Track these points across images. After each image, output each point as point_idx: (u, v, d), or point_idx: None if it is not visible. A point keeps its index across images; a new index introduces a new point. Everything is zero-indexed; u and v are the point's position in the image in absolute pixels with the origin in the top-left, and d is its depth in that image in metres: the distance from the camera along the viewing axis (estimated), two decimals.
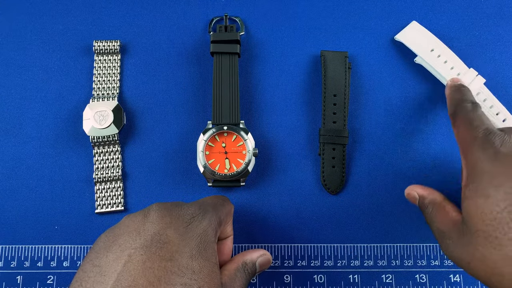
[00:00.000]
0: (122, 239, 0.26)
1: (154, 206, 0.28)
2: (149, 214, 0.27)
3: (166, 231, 0.26)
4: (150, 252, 0.25)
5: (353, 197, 0.39)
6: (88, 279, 0.24)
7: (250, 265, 0.31)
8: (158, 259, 0.24)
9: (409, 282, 0.37)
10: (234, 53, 0.40)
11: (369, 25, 0.43)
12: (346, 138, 0.39)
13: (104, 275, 0.24)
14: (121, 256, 0.25)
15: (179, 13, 0.42)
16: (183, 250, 0.25)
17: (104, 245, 0.26)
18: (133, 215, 0.28)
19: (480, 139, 0.29)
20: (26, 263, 0.37)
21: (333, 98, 0.40)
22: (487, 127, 0.30)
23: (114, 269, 0.24)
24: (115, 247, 0.25)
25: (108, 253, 0.25)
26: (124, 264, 0.24)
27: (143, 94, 0.41)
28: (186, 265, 0.25)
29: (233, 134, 0.38)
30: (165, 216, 0.27)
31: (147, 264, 0.24)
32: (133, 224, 0.27)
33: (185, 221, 0.27)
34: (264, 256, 0.32)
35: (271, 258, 0.33)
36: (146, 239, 0.25)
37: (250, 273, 0.31)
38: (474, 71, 0.39)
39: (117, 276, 0.24)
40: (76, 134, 0.40)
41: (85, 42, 0.42)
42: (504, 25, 0.43)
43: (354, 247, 0.38)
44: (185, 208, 0.28)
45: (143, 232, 0.26)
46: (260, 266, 0.32)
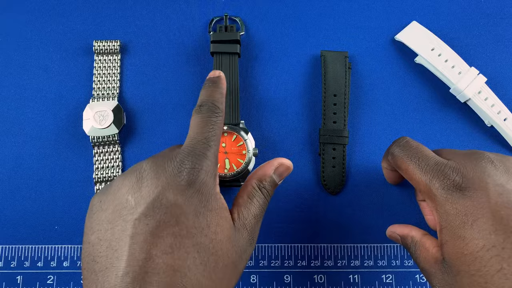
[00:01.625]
0: (121, 207, 0.25)
1: (145, 165, 0.26)
2: (143, 176, 0.26)
3: (165, 194, 0.25)
4: (154, 220, 0.24)
5: (353, 197, 0.39)
6: (100, 254, 0.24)
7: (267, 181, 0.29)
8: (165, 226, 0.24)
9: (409, 282, 0.37)
10: (234, 53, 0.40)
11: (369, 25, 0.43)
12: (346, 138, 0.39)
13: (115, 249, 0.24)
14: (126, 228, 0.24)
15: (179, 13, 0.42)
16: (187, 210, 0.25)
17: (104, 215, 0.25)
18: (124, 176, 0.26)
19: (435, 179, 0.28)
20: (26, 263, 0.37)
21: (333, 98, 0.40)
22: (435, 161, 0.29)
23: (123, 242, 0.24)
24: (117, 217, 0.25)
25: (111, 225, 0.25)
26: (132, 237, 0.24)
27: (143, 94, 0.41)
28: (193, 224, 0.24)
29: (233, 134, 0.38)
30: (160, 176, 0.25)
31: (155, 233, 0.24)
32: (127, 188, 0.26)
33: (182, 178, 0.25)
34: (281, 166, 0.30)
35: (290, 164, 0.31)
36: (146, 207, 0.24)
37: (269, 189, 0.29)
38: (475, 70, 0.39)
39: (128, 250, 0.23)
40: (76, 134, 0.40)
41: (85, 42, 0.42)
42: (504, 25, 0.43)
43: (354, 247, 0.38)
44: (178, 162, 0.26)
45: (141, 199, 0.25)
46: (279, 176, 0.30)
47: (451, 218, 0.27)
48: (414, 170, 0.29)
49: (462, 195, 0.27)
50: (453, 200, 0.27)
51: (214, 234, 0.25)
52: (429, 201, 0.29)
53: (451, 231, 0.27)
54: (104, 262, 0.24)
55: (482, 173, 0.27)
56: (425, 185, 0.29)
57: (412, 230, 0.32)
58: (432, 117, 0.41)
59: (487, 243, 0.25)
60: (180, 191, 0.25)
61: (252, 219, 0.28)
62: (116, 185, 0.26)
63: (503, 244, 0.25)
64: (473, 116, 0.41)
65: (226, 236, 0.26)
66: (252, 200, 0.29)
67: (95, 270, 0.24)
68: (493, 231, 0.25)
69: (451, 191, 0.27)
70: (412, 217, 0.39)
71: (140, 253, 0.23)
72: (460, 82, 0.39)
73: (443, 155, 0.30)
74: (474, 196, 0.26)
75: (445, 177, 0.28)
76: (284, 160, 0.31)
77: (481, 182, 0.27)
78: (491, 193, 0.26)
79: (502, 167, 0.28)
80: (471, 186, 0.27)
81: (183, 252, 0.24)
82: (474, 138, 0.40)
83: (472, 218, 0.26)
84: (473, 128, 0.41)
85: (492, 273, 0.24)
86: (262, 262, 0.37)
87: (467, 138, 0.40)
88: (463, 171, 0.27)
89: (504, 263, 0.24)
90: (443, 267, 0.27)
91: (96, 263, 0.24)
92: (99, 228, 0.25)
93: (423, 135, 0.40)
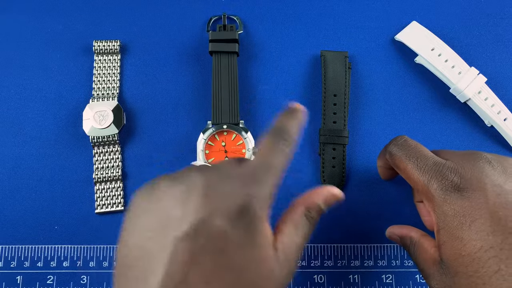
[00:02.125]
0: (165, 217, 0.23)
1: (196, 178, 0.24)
2: (193, 191, 0.24)
3: (213, 218, 0.23)
4: (197, 244, 0.22)
5: (353, 197, 0.39)
6: (137, 264, 0.23)
7: (315, 210, 0.28)
8: (207, 253, 0.22)
9: (409, 282, 0.37)
10: (233, 52, 0.40)
11: (369, 25, 0.43)
12: (346, 138, 0.39)
13: (152, 263, 0.23)
14: (166, 243, 0.23)
15: (179, 13, 0.42)
16: (232, 241, 0.23)
17: (147, 220, 0.24)
18: (172, 182, 0.25)
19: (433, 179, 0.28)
20: (26, 263, 0.37)
21: (333, 98, 0.40)
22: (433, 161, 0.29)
23: (161, 258, 0.22)
24: (159, 227, 0.23)
25: (152, 234, 0.23)
26: (170, 255, 0.22)
27: (143, 94, 0.41)
28: (235, 257, 0.23)
29: (232, 133, 0.38)
30: (211, 197, 0.24)
31: (196, 258, 0.22)
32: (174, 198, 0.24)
33: (235, 205, 0.23)
34: (332, 197, 0.28)
35: (340, 193, 0.29)
36: (191, 227, 0.23)
37: (315, 218, 0.28)
38: (475, 70, 0.39)
39: (166, 268, 0.22)
40: (76, 134, 0.40)
41: (85, 42, 0.42)
42: (504, 25, 0.43)
43: (354, 247, 0.38)
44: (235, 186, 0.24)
45: (187, 217, 0.23)
46: (327, 205, 0.28)
47: (448, 219, 0.27)
48: (412, 170, 0.29)
49: (460, 195, 0.27)
50: (451, 201, 0.27)
51: (255, 271, 0.23)
52: (427, 202, 0.29)
53: (449, 232, 0.27)
54: (138, 273, 0.23)
55: (480, 173, 0.27)
56: (423, 185, 0.29)
57: (411, 231, 0.31)
58: (432, 117, 0.41)
59: (485, 244, 0.25)
60: (229, 219, 0.23)
61: (295, 252, 0.26)
62: (162, 190, 0.25)
63: (501, 245, 0.25)
64: (473, 116, 0.41)
65: (266, 275, 0.24)
66: (298, 229, 0.27)
67: (128, 277, 0.23)
68: (491, 232, 0.25)
69: (449, 191, 0.27)
70: (412, 217, 0.39)
71: (177, 275, 0.22)
72: (460, 82, 0.39)
73: (441, 155, 0.30)
74: (472, 197, 0.26)
75: (443, 178, 0.28)
76: (335, 189, 0.29)
77: (479, 183, 0.27)
78: (489, 194, 0.26)
79: (500, 168, 0.27)
80: (469, 186, 0.27)
81: (220, 283, 0.22)
82: (474, 138, 0.40)
83: (470, 219, 0.26)
84: (473, 128, 0.41)
85: (490, 274, 0.24)
86: None
87: (467, 138, 0.40)
88: (461, 171, 0.27)
89: (502, 264, 0.24)
90: (441, 268, 0.27)
91: (130, 270, 0.23)
92: (139, 233, 0.24)
93: (423, 135, 0.40)
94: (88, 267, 0.37)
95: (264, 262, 0.24)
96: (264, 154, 0.27)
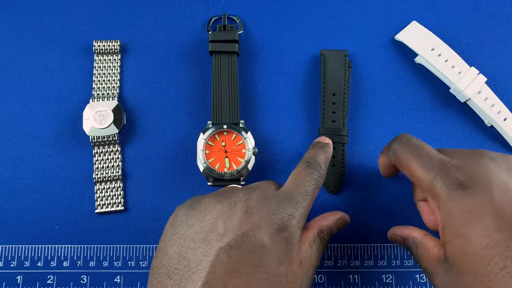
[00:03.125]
0: (208, 230, 0.25)
1: (241, 196, 0.27)
2: (236, 207, 0.26)
3: (255, 232, 0.25)
4: (239, 254, 0.24)
5: (353, 196, 0.39)
6: (177, 271, 0.24)
7: (326, 232, 0.30)
8: (247, 264, 0.24)
9: (409, 282, 0.37)
10: (233, 52, 0.40)
11: (369, 25, 0.43)
12: (345, 137, 0.39)
13: (193, 272, 0.24)
14: (208, 253, 0.24)
15: (179, 13, 0.42)
16: (271, 254, 0.25)
17: (189, 232, 0.25)
18: (216, 199, 0.27)
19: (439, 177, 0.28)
20: (26, 263, 0.37)
21: (333, 97, 0.40)
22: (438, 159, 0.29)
23: (202, 267, 0.24)
24: (202, 239, 0.25)
25: (195, 245, 0.25)
26: (212, 264, 0.24)
27: (143, 94, 0.41)
28: (274, 271, 0.25)
29: (232, 133, 0.38)
30: (253, 213, 0.26)
31: (236, 268, 0.24)
32: (218, 213, 0.26)
33: (275, 222, 0.26)
34: (341, 220, 0.31)
35: (348, 219, 0.32)
36: (234, 239, 0.25)
37: (326, 239, 0.30)
38: (475, 70, 0.39)
39: (206, 276, 0.23)
40: (76, 134, 0.40)
41: (85, 42, 0.42)
42: (504, 25, 0.43)
43: (354, 247, 0.38)
44: (274, 206, 0.27)
45: (231, 230, 0.25)
46: (337, 228, 0.31)
47: (454, 216, 0.27)
48: (417, 168, 0.29)
49: (465, 193, 0.27)
50: (456, 198, 0.27)
51: (288, 282, 0.25)
52: (431, 200, 0.29)
53: (454, 230, 0.27)
54: (179, 281, 0.24)
55: (485, 171, 0.27)
56: (427, 183, 0.28)
57: (413, 231, 0.31)
58: (432, 117, 0.41)
59: (491, 242, 0.25)
60: (270, 234, 0.26)
61: (311, 268, 0.28)
62: (207, 205, 0.27)
63: (507, 242, 0.24)
64: (473, 116, 0.41)
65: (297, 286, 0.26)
66: (312, 248, 0.29)
67: (167, 285, 0.24)
68: (497, 229, 0.25)
69: (454, 189, 0.27)
70: (413, 217, 0.39)
71: (217, 283, 0.23)
72: (460, 82, 0.39)
73: (445, 153, 0.30)
74: (478, 194, 0.26)
75: (448, 175, 0.27)
76: (344, 214, 0.32)
77: (484, 181, 0.27)
78: (495, 191, 0.26)
79: (505, 165, 0.27)
80: (474, 184, 0.27)
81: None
82: (474, 138, 0.40)
83: (476, 217, 0.26)
84: (473, 128, 0.41)
85: (496, 271, 0.24)
86: None
87: (467, 138, 0.40)
88: (466, 169, 0.27)
89: (508, 261, 0.24)
90: (446, 266, 0.27)
91: (170, 279, 0.24)
92: (181, 243, 0.25)
93: (423, 135, 0.40)
94: (88, 267, 0.37)
95: (296, 277, 0.26)
96: (299, 180, 0.30)
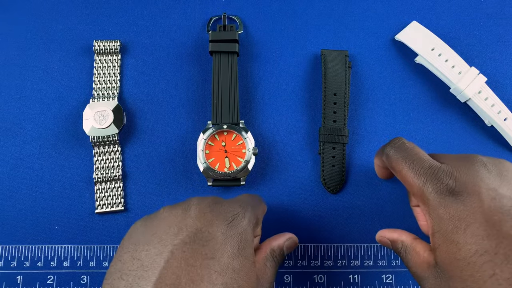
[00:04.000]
0: (162, 233, 0.26)
1: (194, 200, 0.28)
2: (190, 209, 0.27)
3: (208, 228, 0.26)
4: (192, 250, 0.25)
5: (353, 196, 0.39)
6: (129, 272, 0.24)
7: (278, 251, 0.31)
8: (201, 257, 0.25)
9: (409, 282, 0.37)
10: (233, 52, 0.40)
11: (369, 25, 0.43)
12: (346, 137, 0.39)
13: (146, 270, 0.24)
14: (163, 251, 0.25)
15: (179, 13, 0.42)
16: (225, 248, 0.26)
17: (143, 237, 0.26)
18: (171, 207, 0.28)
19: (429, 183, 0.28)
20: (26, 263, 0.37)
21: (333, 97, 0.40)
22: (429, 164, 0.29)
23: (156, 264, 0.24)
24: (156, 241, 0.25)
25: (148, 247, 0.25)
26: (166, 260, 0.24)
27: (143, 94, 0.41)
28: (227, 264, 0.25)
29: (232, 133, 0.38)
30: (206, 212, 0.27)
31: (189, 262, 0.24)
32: (172, 218, 0.27)
33: (227, 219, 0.27)
34: (290, 240, 0.32)
35: (297, 239, 0.33)
36: (188, 236, 0.25)
37: (279, 259, 0.31)
38: (475, 70, 0.39)
39: (159, 272, 0.24)
40: (76, 134, 0.40)
41: (85, 42, 0.42)
42: (504, 25, 0.43)
43: (354, 247, 0.38)
44: (226, 206, 0.28)
45: (184, 228, 0.26)
46: (287, 249, 0.32)
47: (444, 222, 0.27)
48: (408, 173, 0.29)
49: (455, 199, 0.27)
50: (446, 204, 0.27)
51: (242, 280, 0.25)
52: (422, 205, 0.29)
53: (444, 236, 0.27)
54: (131, 280, 0.24)
55: (475, 177, 0.27)
56: (418, 188, 0.29)
57: (402, 235, 0.31)
58: (432, 117, 0.41)
59: (480, 249, 0.25)
60: (223, 229, 0.26)
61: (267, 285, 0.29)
62: (162, 214, 0.27)
63: (496, 249, 0.25)
64: (473, 116, 0.41)
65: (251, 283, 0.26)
66: (267, 264, 0.29)
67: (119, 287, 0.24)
68: (486, 236, 0.25)
69: (444, 195, 0.27)
70: (412, 217, 0.38)
71: (170, 278, 0.23)
72: (460, 82, 0.39)
73: (436, 159, 0.30)
74: (467, 200, 0.26)
75: (438, 181, 0.28)
76: (293, 235, 0.33)
77: (474, 187, 0.27)
78: (484, 198, 0.26)
79: (495, 171, 0.27)
80: (464, 190, 0.27)
81: (210, 286, 0.24)
82: (474, 138, 0.40)
83: (465, 223, 0.26)
84: (473, 128, 0.41)
85: (485, 278, 0.24)
86: None
87: (467, 138, 0.40)
88: (456, 175, 0.27)
89: (497, 268, 0.24)
90: (436, 271, 0.27)
91: (122, 280, 0.24)
92: (135, 248, 0.25)
93: (423, 135, 0.40)
94: (88, 267, 0.37)
95: (250, 274, 0.26)
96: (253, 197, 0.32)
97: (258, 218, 0.30)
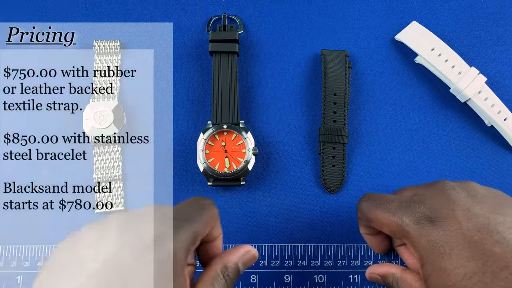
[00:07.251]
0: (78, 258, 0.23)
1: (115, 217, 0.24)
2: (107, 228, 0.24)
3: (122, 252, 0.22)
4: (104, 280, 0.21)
5: (353, 196, 0.39)
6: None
7: (231, 269, 0.27)
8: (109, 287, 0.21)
9: None
10: (233, 52, 0.40)
11: (369, 25, 0.43)
12: (346, 137, 0.39)
13: None
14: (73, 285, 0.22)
15: (179, 13, 0.42)
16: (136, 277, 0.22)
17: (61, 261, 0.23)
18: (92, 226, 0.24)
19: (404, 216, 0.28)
20: (26, 263, 0.37)
21: (333, 97, 0.40)
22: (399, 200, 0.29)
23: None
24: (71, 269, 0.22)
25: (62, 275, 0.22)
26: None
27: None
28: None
29: (232, 133, 0.38)
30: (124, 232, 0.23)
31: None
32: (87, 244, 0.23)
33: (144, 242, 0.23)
34: (247, 255, 0.28)
35: (256, 253, 0.29)
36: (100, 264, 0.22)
37: (232, 277, 0.27)
38: (475, 70, 0.39)
39: None
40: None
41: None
42: (504, 25, 0.43)
43: (354, 247, 0.38)
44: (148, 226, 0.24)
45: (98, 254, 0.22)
46: (244, 265, 0.28)
47: (428, 251, 0.27)
48: (383, 215, 0.30)
49: (433, 226, 0.27)
50: (426, 233, 0.27)
51: None
52: (405, 240, 0.29)
53: (432, 265, 0.27)
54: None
55: (448, 200, 0.28)
56: (396, 225, 0.29)
57: (392, 268, 0.32)
58: (432, 117, 0.41)
59: (468, 271, 0.25)
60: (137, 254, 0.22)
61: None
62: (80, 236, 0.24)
63: (483, 269, 0.25)
64: (473, 116, 0.41)
65: None
66: (214, 284, 0.26)
67: None
68: (472, 257, 0.25)
69: (422, 224, 0.27)
70: None
71: None
72: (460, 82, 0.39)
73: (405, 192, 0.31)
74: (445, 225, 0.27)
75: (412, 211, 0.28)
76: (251, 248, 0.29)
77: (449, 210, 0.27)
78: (461, 220, 0.26)
79: (465, 192, 0.28)
80: (440, 215, 0.27)
81: None
82: (474, 138, 0.40)
83: (449, 247, 0.26)
84: (473, 128, 0.41)
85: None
86: (262, 262, 0.37)
87: (467, 138, 0.40)
88: (428, 202, 0.28)
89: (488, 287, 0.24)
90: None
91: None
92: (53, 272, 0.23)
93: (423, 135, 0.40)
94: None
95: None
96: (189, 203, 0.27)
97: (197, 232, 0.25)
